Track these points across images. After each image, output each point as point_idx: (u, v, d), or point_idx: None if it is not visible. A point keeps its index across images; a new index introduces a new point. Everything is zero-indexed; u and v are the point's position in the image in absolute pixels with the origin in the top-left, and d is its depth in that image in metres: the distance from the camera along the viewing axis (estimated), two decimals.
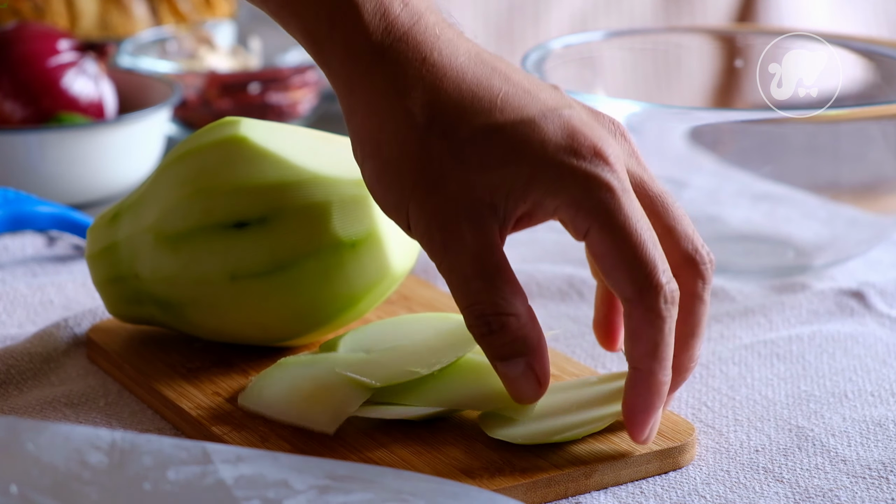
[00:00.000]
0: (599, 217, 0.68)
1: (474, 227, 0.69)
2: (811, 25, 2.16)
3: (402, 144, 0.70)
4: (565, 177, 0.68)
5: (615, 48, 1.09)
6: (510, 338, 0.69)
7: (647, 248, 0.68)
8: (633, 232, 0.68)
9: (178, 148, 0.81)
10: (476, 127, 0.69)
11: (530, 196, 0.69)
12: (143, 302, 0.81)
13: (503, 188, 0.69)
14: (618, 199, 0.68)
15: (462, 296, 0.69)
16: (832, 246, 0.98)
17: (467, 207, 0.69)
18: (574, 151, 0.69)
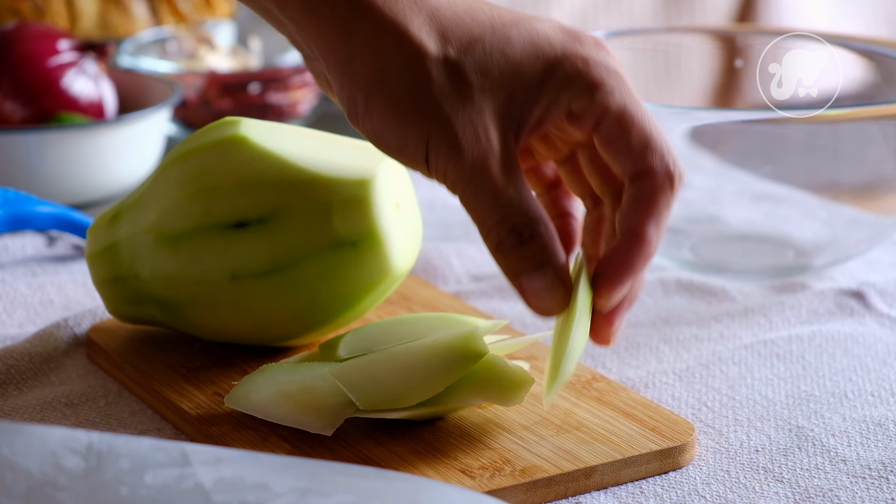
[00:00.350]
0: (615, 99, 0.70)
1: (501, 137, 0.70)
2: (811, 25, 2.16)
3: (415, 72, 0.70)
4: (578, 64, 0.70)
5: (615, 48, 1.09)
6: (540, 245, 0.69)
7: (657, 128, 0.71)
8: (644, 114, 0.70)
9: (178, 148, 0.81)
10: (484, 39, 0.71)
11: (545, 94, 0.70)
12: (143, 302, 0.81)
13: (519, 94, 0.70)
14: (626, 83, 0.71)
15: (492, 211, 0.69)
16: (832, 246, 0.98)
17: (491, 121, 0.70)
18: (579, 42, 0.71)
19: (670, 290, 0.94)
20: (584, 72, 0.70)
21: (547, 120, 0.71)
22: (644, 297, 0.93)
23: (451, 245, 0.98)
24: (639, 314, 0.91)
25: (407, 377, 0.73)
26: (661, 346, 0.86)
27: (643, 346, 0.86)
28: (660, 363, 0.84)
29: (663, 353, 0.86)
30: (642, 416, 0.74)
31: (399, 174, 0.82)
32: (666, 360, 0.85)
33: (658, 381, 0.81)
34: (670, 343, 0.87)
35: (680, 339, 0.87)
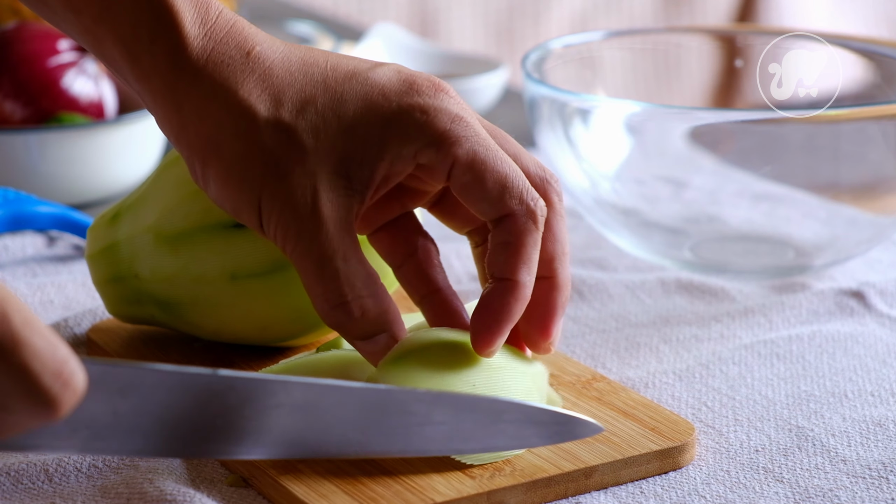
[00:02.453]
0: (464, 146, 0.69)
1: (331, 206, 0.68)
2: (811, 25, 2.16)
3: (246, 137, 0.69)
4: (416, 116, 0.69)
5: (615, 48, 1.09)
6: (370, 318, 0.69)
7: (512, 168, 0.69)
8: (496, 153, 0.69)
9: None
10: (314, 98, 0.69)
11: (387, 151, 0.69)
12: (143, 302, 0.81)
13: (357, 154, 0.68)
14: (472, 127, 0.69)
15: (316, 282, 0.69)
16: (832, 246, 0.98)
17: (323, 185, 0.68)
18: (416, 91, 0.69)
19: (670, 290, 0.94)
20: (423, 123, 0.69)
21: (394, 176, 0.69)
22: (644, 297, 0.93)
23: (450, 245, 0.98)
24: (639, 314, 0.91)
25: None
26: (661, 346, 0.86)
27: (643, 346, 0.86)
28: (660, 363, 0.84)
29: (663, 353, 0.85)
30: (642, 416, 0.74)
31: None
32: (666, 360, 0.85)
33: (658, 381, 0.81)
34: (670, 343, 0.87)
35: (680, 339, 0.87)
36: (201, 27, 0.70)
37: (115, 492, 0.68)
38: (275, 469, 0.69)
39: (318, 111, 0.69)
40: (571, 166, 0.97)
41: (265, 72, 0.70)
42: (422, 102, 0.69)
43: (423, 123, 0.69)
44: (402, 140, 0.69)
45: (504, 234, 0.69)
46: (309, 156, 0.69)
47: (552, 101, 0.96)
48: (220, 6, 0.71)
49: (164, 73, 0.70)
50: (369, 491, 0.68)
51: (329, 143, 0.69)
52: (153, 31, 0.70)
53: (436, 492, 0.68)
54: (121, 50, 0.70)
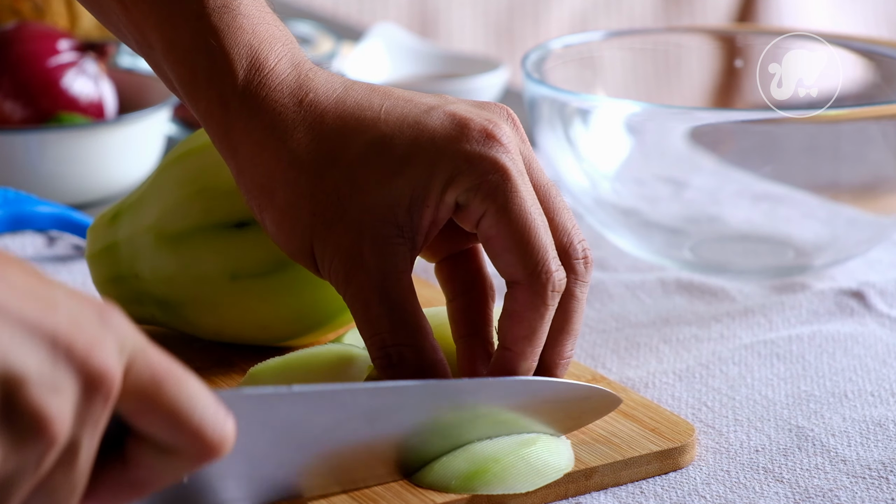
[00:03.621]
0: (497, 199, 0.68)
1: (377, 253, 0.69)
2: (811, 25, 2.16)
3: (293, 186, 0.70)
4: (460, 163, 0.69)
5: (615, 48, 1.09)
6: (410, 369, 0.69)
7: (539, 232, 0.69)
8: (527, 215, 0.68)
9: (178, 148, 0.81)
10: (363, 145, 0.70)
11: (431, 196, 0.69)
12: (143, 302, 0.81)
13: (404, 201, 0.69)
14: (513, 182, 0.69)
15: (364, 325, 0.69)
16: (832, 246, 0.98)
17: (370, 233, 0.69)
18: (465, 137, 0.69)
19: (670, 290, 0.94)
20: (465, 172, 0.68)
21: (441, 221, 0.70)
22: (644, 297, 0.93)
23: None
24: (639, 314, 0.91)
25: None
26: (661, 346, 0.86)
27: (643, 346, 0.86)
28: (660, 363, 0.84)
29: (663, 353, 0.85)
30: (642, 416, 0.74)
31: None
32: (666, 360, 0.85)
33: (658, 381, 0.81)
34: (670, 343, 0.87)
35: (680, 339, 0.87)
36: (256, 74, 0.71)
37: None
38: None
39: (366, 160, 0.69)
40: (571, 166, 0.97)
41: (315, 120, 0.70)
42: (469, 150, 0.69)
43: (465, 172, 0.68)
44: (445, 184, 0.69)
45: (511, 302, 0.69)
46: (354, 206, 0.69)
47: (552, 101, 0.96)
48: (283, 52, 0.71)
49: (219, 118, 0.71)
50: (369, 491, 0.68)
51: (375, 193, 0.69)
52: (209, 76, 0.71)
53: (436, 492, 0.68)
54: (183, 90, 0.72)
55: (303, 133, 0.70)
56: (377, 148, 0.69)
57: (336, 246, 0.69)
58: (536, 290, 0.68)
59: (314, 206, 0.69)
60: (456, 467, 0.68)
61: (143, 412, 0.52)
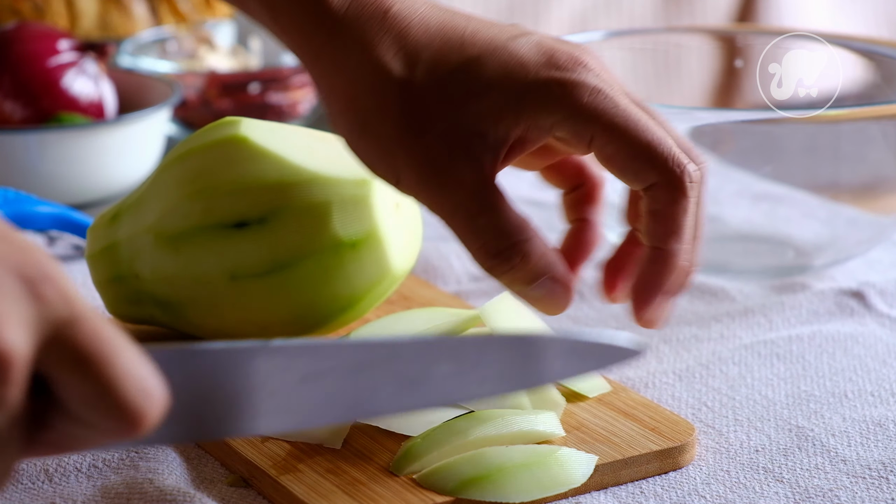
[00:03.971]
0: (601, 120, 0.68)
1: (470, 161, 0.69)
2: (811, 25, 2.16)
3: (381, 94, 0.69)
4: (554, 90, 0.69)
5: (615, 48, 1.09)
6: (532, 264, 0.69)
7: (657, 132, 0.69)
8: (637, 121, 0.69)
9: (178, 148, 0.81)
10: (453, 62, 0.69)
11: (522, 118, 0.69)
12: (143, 302, 0.81)
13: (492, 115, 0.69)
14: (611, 98, 0.69)
15: (471, 236, 0.69)
16: (832, 246, 0.98)
17: (460, 142, 0.69)
18: (555, 65, 0.69)
19: None
20: (560, 97, 0.69)
21: (529, 143, 0.70)
22: None
23: (451, 245, 0.98)
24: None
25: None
26: (661, 346, 0.86)
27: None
28: (660, 363, 0.84)
29: (663, 353, 0.85)
30: (642, 416, 0.74)
31: None
32: (666, 360, 0.85)
33: (658, 381, 0.81)
34: (670, 343, 0.87)
35: (680, 339, 0.87)
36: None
37: (116, 492, 0.68)
38: (275, 469, 0.69)
39: (453, 74, 0.69)
40: None
41: (401, 32, 0.70)
42: (559, 76, 0.69)
43: (560, 97, 0.69)
44: (538, 110, 0.69)
45: (651, 203, 0.69)
46: (443, 115, 0.69)
47: None
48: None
49: (302, 27, 0.71)
50: (369, 491, 0.68)
51: (464, 104, 0.69)
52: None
53: (436, 492, 0.68)
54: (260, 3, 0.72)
55: (389, 43, 0.70)
56: (467, 66, 0.69)
57: (425, 156, 0.69)
58: (674, 183, 0.69)
59: (403, 113, 0.69)
60: (459, 470, 0.68)
61: (62, 385, 0.50)
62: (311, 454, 0.71)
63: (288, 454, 0.71)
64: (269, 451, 0.71)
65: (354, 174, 0.78)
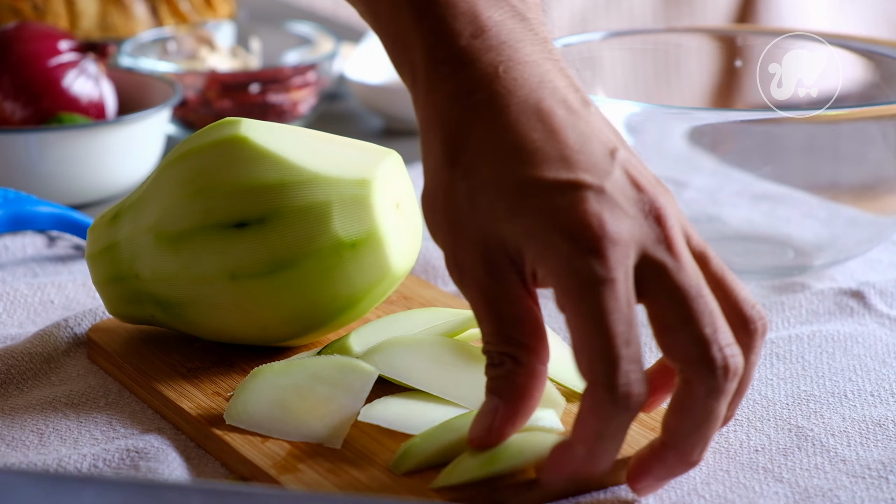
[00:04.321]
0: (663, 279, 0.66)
1: (488, 274, 0.67)
2: (811, 25, 2.16)
3: (435, 176, 0.69)
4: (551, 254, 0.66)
5: (615, 48, 1.09)
6: (498, 374, 0.68)
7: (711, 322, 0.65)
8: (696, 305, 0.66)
9: (178, 148, 0.81)
10: (491, 176, 0.68)
11: (527, 257, 0.67)
12: (143, 302, 0.81)
13: (510, 242, 0.67)
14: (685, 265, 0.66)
15: (479, 325, 0.69)
16: (832, 246, 0.98)
17: (482, 253, 0.68)
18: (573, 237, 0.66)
19: None
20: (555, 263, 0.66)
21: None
22: None
23: None
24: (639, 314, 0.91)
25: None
26: None
27: (643, 346, 0.86)
28: None
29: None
30: (642, 415, 0.74)
31: (399, 174, 0.82)
32: None
33: None
34: None
35: None
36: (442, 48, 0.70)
37: None
38: (275, 469, 0.69)
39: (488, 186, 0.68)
40: None
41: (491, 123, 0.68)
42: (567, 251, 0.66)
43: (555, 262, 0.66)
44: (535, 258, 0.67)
45: (680, 393, 0.66)
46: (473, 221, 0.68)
47: None
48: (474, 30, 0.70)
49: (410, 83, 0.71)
50: (369, 491, 0.68)
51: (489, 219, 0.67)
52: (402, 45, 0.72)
53: (436, 493, 0.68)
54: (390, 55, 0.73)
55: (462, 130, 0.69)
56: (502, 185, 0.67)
57: (453, 252, 0.69)
58: (711, 386, 0.65)
59: (445, 204, 0.69)
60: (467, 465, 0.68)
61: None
62: (311, 454, 0.71)
63: (288, 454, 0.71)
64: (270, 451, 0.71)
65: (354, 174, 0.78)
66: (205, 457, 0.73)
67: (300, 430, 0.72)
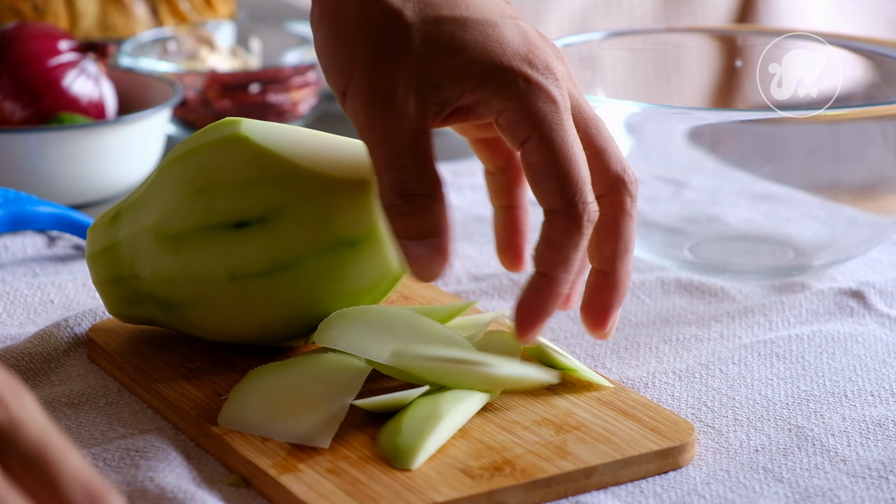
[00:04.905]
0: (542, 128, 0.71)
1: (418, 104, 0.71)
2: (811, 25, 2.16)
3: (367, 9, 0.72)
4: (518, 81, 0.71)
5: (615, 48, 1.09)
6: (429, 218, 0.71)
7: (580, 165, 0.72)
8: (569, 148, 0.72)
9: (178, 148, 0.81)
10: (443, 15, 0.72)
11: (480, 90, 0.71)
12: (143, 302, 0.81)
13: (455, 74, 0.71)
14: (560, 115, 0.72)
15: (389, 170, 0.71)
16: (832, 246, 0.98)
17: (416, 83, 0.71)
18: (529, 61, 0.72)
19: (670, 290, 0.94)
20: (518, 91, 0.71)
21: (473, 114, 0.72)
22: (644, 298, 0.93)
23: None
24: (639, 314, 0.91)
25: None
26: (661, 346, 0.86)
27: (643, 346, 0.86)
28: (660, 363, 0.84)
29: (663, 353, 0.86)
30: (642, 416, 0.74)
31: None
32: (666, 360, 0.85)
33: (658, 381, 0.81)
34: (670, 343, 0.87)
35: (680, 339, 0.87)
36: None
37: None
38: (275, 469, 0.69)
39: (439, 23, 0.72)
40: None
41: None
42: (527, 73, 0.72)
43: (518, 90, 0.71)
44: (495, 92, 0.72)
45: (547, 229, 0.72)
46: (416, 55, 0.71)
47: None
48: None
49: None
50: (369, 491, 0.68)
51: (436, 54, 0.71)
52: None
53: (436, 492, 0.68)
54: None
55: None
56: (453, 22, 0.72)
57: (380, 83, 0.71)
58: (573, 218, 0.71)
59: (379, 35, 0.72)
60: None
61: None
62: (311, 454, 0.71)
63: (288, 454, 0.71)
64: (270, 451, 0.71)
65: (355, 174, 0.78)
66: (205, 457, 0.73)
67: (291, 431, 0.72)
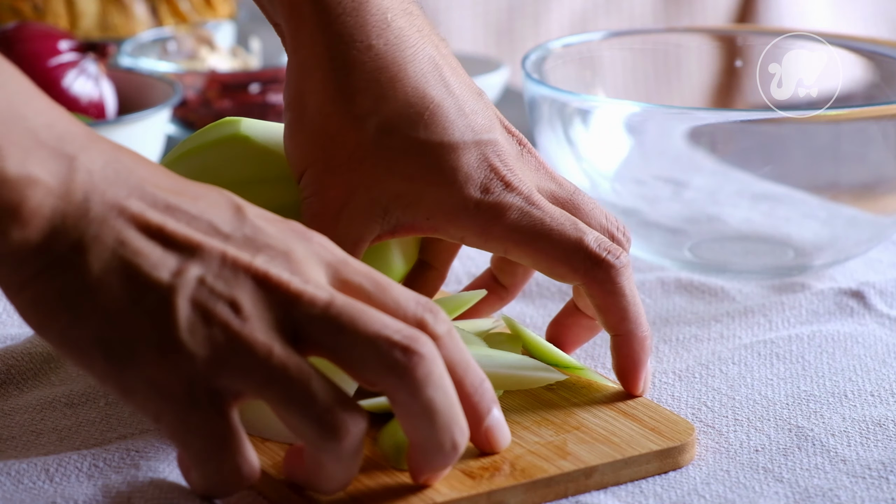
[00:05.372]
0: (511, 237, 0.72)
1: (359, 224, 0.71)
2: (811, 25, 2.16)
3: (327, 115, 0.71)
4: (471, 212, 0.72)
5: (615, 48, 1.09)
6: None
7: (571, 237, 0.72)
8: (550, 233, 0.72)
9: (179, 147, 0.81)
10: (401, 135, 0.71)
11: (433, 220, 0.72)
12: None
13: (405, 199, 0.71)
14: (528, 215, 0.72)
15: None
16: (832, 246, 0.98)
17: (361, 202, 0.71)
18: (487, 189, 0.72)
19: (670, 290, 0.94)
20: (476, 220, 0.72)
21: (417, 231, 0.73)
22: (644, 297, 0.93)
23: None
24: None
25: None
26: (661, 346, 0.86)
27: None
28: (660, 363, 0.84)
29: (663, 353, 0.86)
30: (642, 416, 0.74)
31: None
32: (666, 360, 0.85)
33: (658, 381, 0.81)
34: (670, 343, 0.87)
35: (680, 339, 0.87)
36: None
37: (117, 491, 0.68)
38: (275, 469, 0.69)
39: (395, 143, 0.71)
40: (571, 166, 0.98)
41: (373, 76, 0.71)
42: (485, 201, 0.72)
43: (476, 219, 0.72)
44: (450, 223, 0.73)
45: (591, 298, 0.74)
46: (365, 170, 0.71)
47: (552, 101, 0.96)
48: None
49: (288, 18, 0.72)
50: (369, 491, 0.68)
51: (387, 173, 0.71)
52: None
53: (436, 492, 0.68)
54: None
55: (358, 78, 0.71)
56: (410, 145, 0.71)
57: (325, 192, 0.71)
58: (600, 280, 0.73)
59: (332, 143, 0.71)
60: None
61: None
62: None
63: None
64: (270, 451, 0.71)
65: None
66: None
67: (289, 433, 0.72)
